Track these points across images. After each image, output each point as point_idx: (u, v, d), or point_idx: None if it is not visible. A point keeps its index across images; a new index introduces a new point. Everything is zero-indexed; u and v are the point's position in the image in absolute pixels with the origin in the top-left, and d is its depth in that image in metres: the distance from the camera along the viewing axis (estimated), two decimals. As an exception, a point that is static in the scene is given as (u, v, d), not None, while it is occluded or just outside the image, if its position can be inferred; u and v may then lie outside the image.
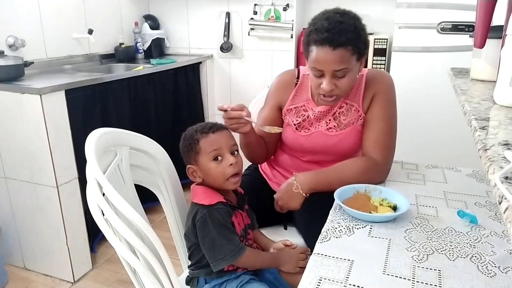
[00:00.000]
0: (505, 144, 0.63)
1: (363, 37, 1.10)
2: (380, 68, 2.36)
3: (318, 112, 1.25)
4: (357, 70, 1.14)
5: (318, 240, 0.88)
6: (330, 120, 1.25)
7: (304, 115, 1.28)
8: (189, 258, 1.08)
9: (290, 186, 1.17)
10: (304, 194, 1.15)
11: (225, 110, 1.11)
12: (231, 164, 1.01)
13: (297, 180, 1.16)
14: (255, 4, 2.76)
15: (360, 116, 1.24)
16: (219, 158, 1.02)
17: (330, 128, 1.25)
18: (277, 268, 1.07)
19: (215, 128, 1.04)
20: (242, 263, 1.00)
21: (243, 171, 1.11)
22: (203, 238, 0.98)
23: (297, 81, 1.31)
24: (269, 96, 1.35)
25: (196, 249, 1.03)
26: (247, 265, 1.03)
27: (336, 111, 1.25)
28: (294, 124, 1.28)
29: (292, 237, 1.30)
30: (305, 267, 0.80)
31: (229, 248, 0.96)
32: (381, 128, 1.20)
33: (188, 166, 1.06)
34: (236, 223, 1.03)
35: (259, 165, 1.46)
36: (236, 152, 1.05)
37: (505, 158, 0.57)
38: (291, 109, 1.30)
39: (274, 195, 1.21)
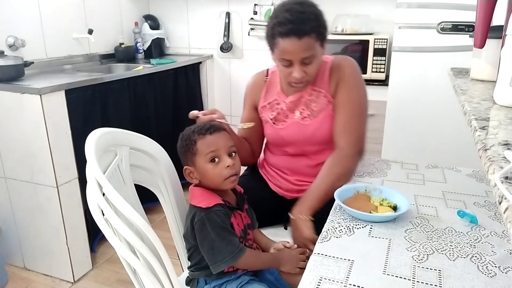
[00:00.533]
0: (505, 144, 0.63)
1: (323, 23, 1.16)
2: (380, 68, 2.36)
3: (289, 102, 1.29)
4: (322, 54, 1.19)
5: (318, 240, 0.88)
6: (303, 109, 1.29)
7: (278, 108, 1.32)
8: (189, 259, 1.08)
9: (293, 223, 1.14)
10: (307, 218, 1.11)
11: (197, 117, 1.15)
12: (228, 166, 1.01)
13: (295, 213, 1.14)
14: (255, 4, 2.76)
15: (329, 101, 1.26)
16: (216, 159, 1.01)
17: (305, 117, 1.28)
18: (277, 268, 1.06)
19: (212, 129, 1.03)
20: (242, 265, 1.00)
21: (242, 171, 1.11)
22: (202, 240, 0.98)
23: (266, 79, 1.38)
24: (245, 99, 1.43)
25: (195, 251, 1.03)
26: (247, 266, 1.02)
27: (307, 99, 1.28)
28: (271, 119, 1.33)
29: (291, 237, 1.30)
30: (305, 268, 0.80)
31: (228, 250, 0.96)
32: (345, 112, 1.23)
33: (185, 167, 1.05)
34: (236, 224, 1.03)
35: (258, 166, 1.46)
36: (233, 154, 1.04)
37: (505, 158, 0.57)
38: (265, 105, 1.35)
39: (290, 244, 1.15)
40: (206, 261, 0.99)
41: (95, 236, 2.09)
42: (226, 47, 2.89)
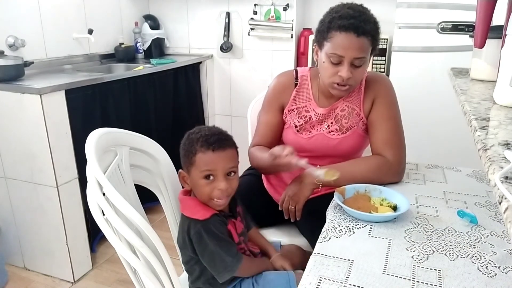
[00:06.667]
0: (505, 144, 0.63)
1: (379, 32, 1.14)
2: (380, 68, 2.36)
3: (321, 114, 1.25)
4: (368, 64, 1.16)
5: (318, 240, 0.88)
6: (332, 123, 1.25)
7: (306, 116, 1.27)
8: (189, 273, 1.06)
9: (301, 178, 1.15)
10: (319, 183, 1.11)
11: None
12: (219, 189, 0.97)
13: (311, 171, 1.11)
14: (255, 4, 2.76)
15: (361, 119, 1.24)
16: (211, 177, 0.97)
17: (332, 131, 1.25)
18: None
19: (217, 145, 0.96)
20: (241, 273, 0.99)
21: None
22: (202, 252, 0.97)
23: (297, 81, 1.30)
24: (269, 100, 1.32)
25: (196, 264, 1.01)
26: (245, 274, 1.01)
27: (338, 113, 1.25)
28: (296, 126, 1.28)
29: (291, 237, 1.30)
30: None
31: (228, 260, 0.96)
32: (388, 128, 1.20)
33: (180, 171, 1.03)
34: (233, 230, 1.02)
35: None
36: (233, 174, 1.00)
37: (505, 158, 0.58)
38: (292, 109, 1.29)
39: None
40: (211, 272, 0.98)
41: (95, 236, 2.09)
42: (226, 47, 2.89)
